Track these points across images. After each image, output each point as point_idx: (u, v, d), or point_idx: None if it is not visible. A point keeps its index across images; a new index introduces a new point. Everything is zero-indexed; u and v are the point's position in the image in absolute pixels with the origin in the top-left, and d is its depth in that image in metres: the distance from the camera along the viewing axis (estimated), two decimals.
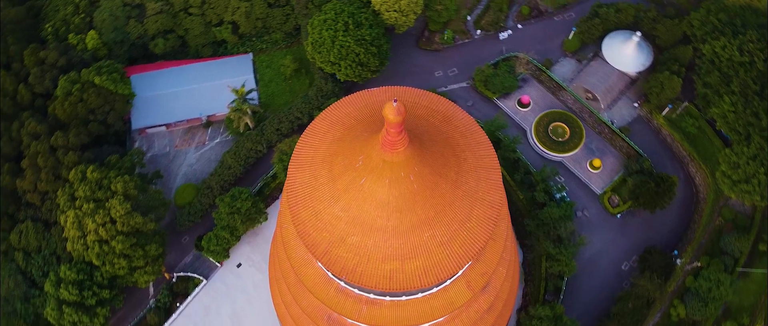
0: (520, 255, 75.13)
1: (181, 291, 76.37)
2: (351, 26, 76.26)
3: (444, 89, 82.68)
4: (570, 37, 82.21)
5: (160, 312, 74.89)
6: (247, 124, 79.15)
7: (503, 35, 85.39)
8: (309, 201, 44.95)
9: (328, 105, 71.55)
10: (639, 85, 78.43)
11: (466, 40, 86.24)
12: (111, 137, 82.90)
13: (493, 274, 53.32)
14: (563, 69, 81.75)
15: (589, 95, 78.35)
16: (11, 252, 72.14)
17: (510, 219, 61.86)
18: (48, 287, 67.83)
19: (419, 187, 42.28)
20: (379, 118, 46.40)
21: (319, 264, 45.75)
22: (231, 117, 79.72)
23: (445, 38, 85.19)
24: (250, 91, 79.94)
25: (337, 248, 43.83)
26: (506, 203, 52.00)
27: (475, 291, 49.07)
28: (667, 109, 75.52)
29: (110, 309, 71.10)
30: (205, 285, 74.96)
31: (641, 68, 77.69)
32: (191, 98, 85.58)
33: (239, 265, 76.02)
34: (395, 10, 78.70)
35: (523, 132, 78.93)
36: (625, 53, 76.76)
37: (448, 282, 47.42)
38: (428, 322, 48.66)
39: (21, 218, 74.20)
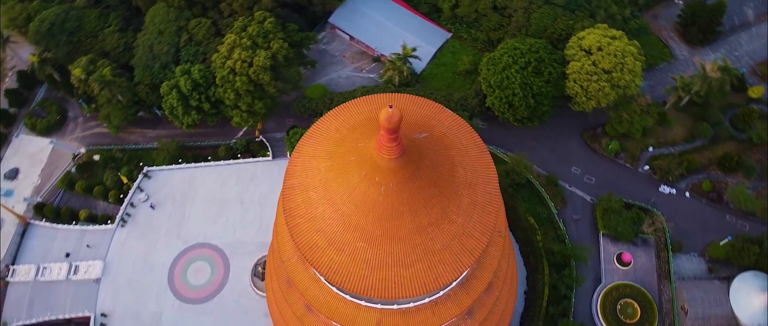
0: None
1: (253, 150, 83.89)
2: (530, 68, 72.36)
3: (565, 185, 75.07)
4: (721, 243, 67.89)
5: (230, 152, 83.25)
6: (391, 78, 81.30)
7: (664, 189, 73.59)
8: (315, 143, 45.90)
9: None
10: None
11: (627, 164, 76.16)
12: (308, 14, 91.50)
13: None
14: (686, 264, 68.24)
15: (684, 306, 64.89)
16: (183, 31, 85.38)
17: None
18: (178, 70, 79.39)
19: (382, 201, 40.37)
20: (413, 122, 45.13)
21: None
22: (387, 65, 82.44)
23: (609, 147, 76.22)
24: (414, 56, 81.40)
25: (300, 192, 44.28)
26: (473, 295, 47.74)
27: None
28: None
29: (200, 121, 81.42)
30: (268, 160, 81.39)
31: (755, 323, 61.61)
32: (382, 32, 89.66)
33: None
34: (581, 87, 72.55)
35: (596, 281, 68.98)
36: (752, 300, 61.02)
37: (361, 302, 45.68)
38: (324, 314, 47.77)
39: (207, 15, 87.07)
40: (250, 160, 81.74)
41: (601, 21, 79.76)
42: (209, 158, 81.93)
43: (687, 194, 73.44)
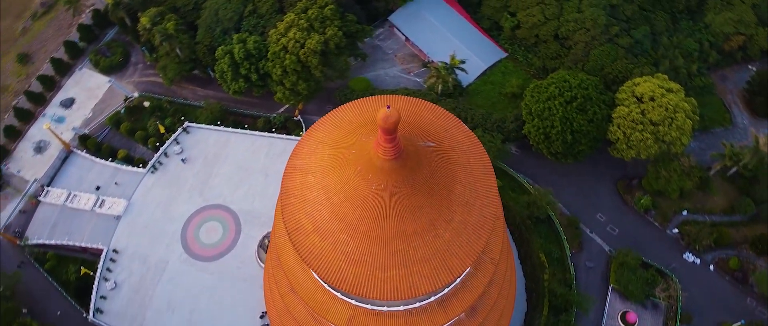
0: None
1: (289, 127, 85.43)
2: (575, 104, 69.78)
3: (586, 230, 72.24)
4: (734, 325, 63.60)
5: (268, 125, 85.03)
6: (433, 85, 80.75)
7: (688, 257, 69.38)
8: (326, 130, 46.37)
9: (490, 146, 70.12)
10: None
11: (656, 223, 72.34)
12: (370, 8, 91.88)
13: None
14: None
15: None
16: (249, 2, 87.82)
17: None
18: (235, 38, 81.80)
19: (371, 200, 40.15)
20: (424, 130, 44.62)
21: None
22: (432, 72, 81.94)
23: (641, 201, 72.58)
24: (461, 69, 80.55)
25: (300, 173, 44.64)
26: (451, 315, 46.85)
27: None
28: None
29: (247, 89, 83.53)
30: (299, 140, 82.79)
31: None
32: (438, 38, 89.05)
33: None
34: (624, 133, 69.50)
35: None
36: None
37: (337, 294, 45.73)
38: (302, 297, 48.13)
39: None
40: (284, 136, 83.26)
41: (664, 71, 76.23)
42: (246, 126, 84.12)
43: (711, 267, 69.05)
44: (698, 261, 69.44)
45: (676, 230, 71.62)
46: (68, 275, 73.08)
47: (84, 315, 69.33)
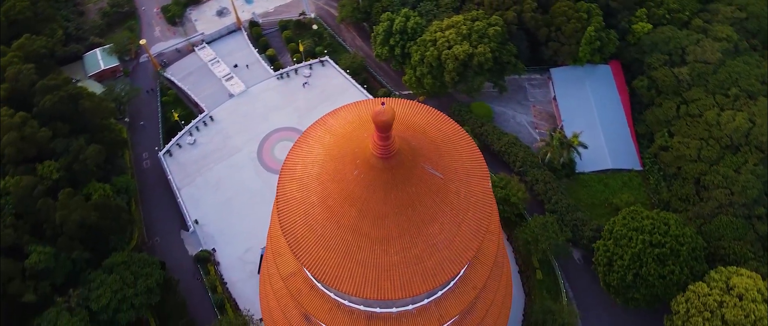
0: None
1: None
2: (657, 252, 60.38)
3: None
4: None
5: (386, 96, 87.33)
6: (543, 152, 75.35)
7: None
8: (368, 107, 47.00)
9: (549, 236, 66.27)
10: None
11: None
12: (541, 52, 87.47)
13: None
14: None
15: None
16: None
17: None
18: (402, 12, 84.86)
19: (349, 182, 40.21)
20: (444, 159, 42.80)
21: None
22: (547, 138, 76.54)
23: None
24: (576, 151, 74.23)
25: (323, 129, 46.11)
26: None
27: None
28: None
29: (387, 58, 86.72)
30: None
31: None
32: (583, 114, 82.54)
33: None
34: (687, 310, 58.84)
35: None
36: None
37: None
38: (270, 232, 50.21)
39: None
40: None
41: None
42: (365, 87, 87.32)
43: None
44: None
45: None
46: (172, 115, 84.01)
47: (156, 148, 79.76)
